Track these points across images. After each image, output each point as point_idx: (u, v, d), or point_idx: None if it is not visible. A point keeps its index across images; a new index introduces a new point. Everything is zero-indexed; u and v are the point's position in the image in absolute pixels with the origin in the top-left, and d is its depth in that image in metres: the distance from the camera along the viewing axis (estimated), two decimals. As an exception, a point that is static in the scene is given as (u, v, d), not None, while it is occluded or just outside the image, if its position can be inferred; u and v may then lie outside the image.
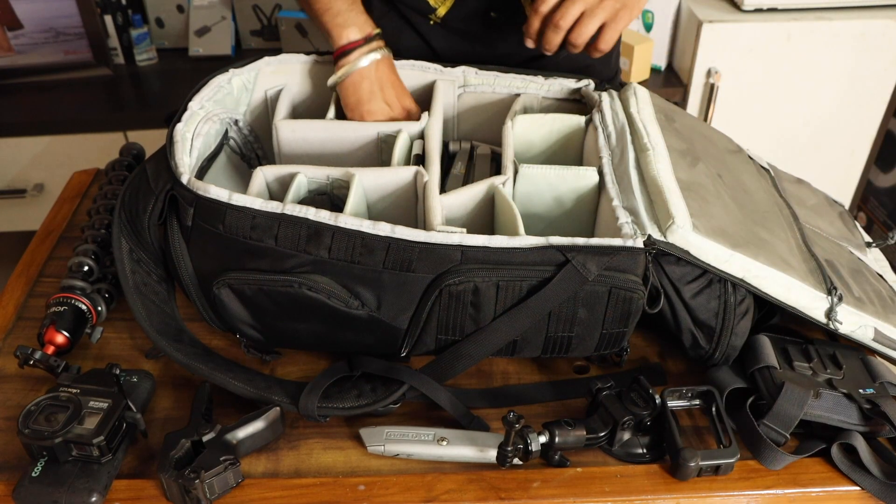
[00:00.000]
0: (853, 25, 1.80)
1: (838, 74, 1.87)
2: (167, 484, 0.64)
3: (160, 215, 0.76)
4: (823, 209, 1.00)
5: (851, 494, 0.69)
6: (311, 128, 0.89)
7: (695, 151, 0.86)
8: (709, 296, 0.74)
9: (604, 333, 0.73)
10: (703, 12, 1.83)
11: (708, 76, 1.86)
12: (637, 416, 0.69)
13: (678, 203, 0.73)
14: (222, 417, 0.72)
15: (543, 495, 0.67)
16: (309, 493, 0.67)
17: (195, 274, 0.75)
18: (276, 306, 0.71)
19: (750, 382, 0.74)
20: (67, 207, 1.05)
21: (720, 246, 0.71)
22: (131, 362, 0.80)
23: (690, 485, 0.68)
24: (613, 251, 0.69)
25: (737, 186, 0.86)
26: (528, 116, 0.92)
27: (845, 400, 0.71)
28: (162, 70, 2.12)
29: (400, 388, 0.72)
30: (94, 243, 0.88)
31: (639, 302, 0.70)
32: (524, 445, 0.67)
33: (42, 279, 0.91)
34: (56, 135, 1.91)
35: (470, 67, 0.97)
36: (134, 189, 0.78)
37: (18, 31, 2.01)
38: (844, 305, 0.76)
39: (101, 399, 0.68)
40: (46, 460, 0.65)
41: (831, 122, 1.95)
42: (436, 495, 0.66)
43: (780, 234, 0.82)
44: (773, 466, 0.69)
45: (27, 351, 0.73)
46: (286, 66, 0.96)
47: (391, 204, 0.83)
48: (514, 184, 0.84)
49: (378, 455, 0.70)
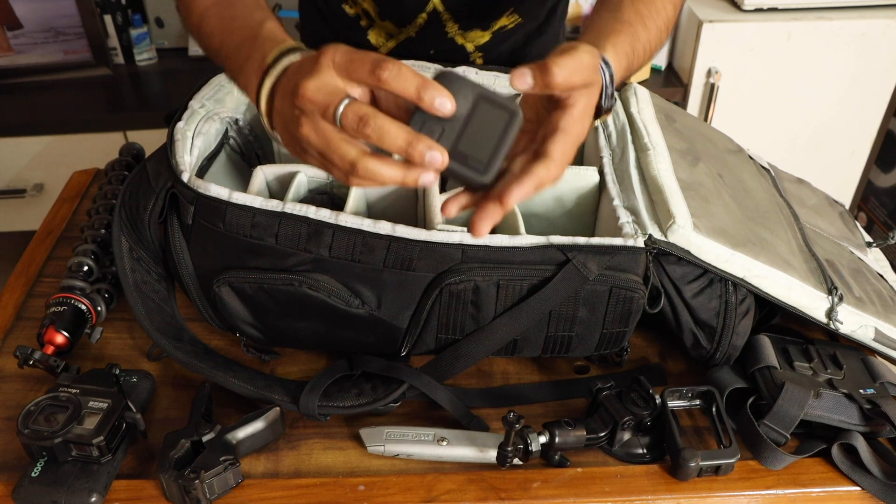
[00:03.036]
0: (853, 25, 1.80)
1: (838, 74, 1.87)
2: (167, 484, 0.64)
3: (160, 214, 0.76)
4: (824, 209, 1.00)
5: (852, 495, 0.69)
6: (311, 127, 0.89)
7: (695, 151, 0.86)
8: (710, 295, 0.74)
9: (604, 333, 0.73)
10: (703, 12, 1.83)
11: (708, 76, 1.86)
12: (637, 416, 0.69)
13: (679, 202, 0.73)
14: (222, 417, 0.72)
15: (543, 495, 0.67)
16: (309, 493, 0.66)
17: (195, 272, 0.75)
18: (277, 305, 0.71)
19: (750, 382, 0.74)
20: (67, 207, 1.05)
21: (721, 245, 0.71)
22: (131, 362, 0.80)
23: (690, 485, 0.68)
24: (614, 251, 0.69)
25: (737, 186, 0.86)
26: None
27: (846, 400, 0.71)
28: (162, 70, 2.12)
29: (400, 387, 0.72)
30: (93, 243, 0.88)
31: (639, 301, 0.70)
32: (524, 445, 0.66)
33: (42, 279, 0.91)
34: (56, 135, 1.91)
35: (470, 67, 0.97)
36: (134, 187, 0.78)
37: (18, 31, 2.00)
38: (845, 305, 0.76)
39: (101, 399, 0.68)
40: (46, 460, 0.65)
41: (831, 122, 1.96)
42: (436, 495, 0.66)
43: (780, 233, 0.82)
44: (773, 466, 0.69)
45: (27, 351, 0.73)
46: (286, 66, 0.96)
47: (391, 203, 0.83)
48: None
49: (378, 455, 0.70)
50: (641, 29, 0.69)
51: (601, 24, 0.69)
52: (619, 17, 0.69)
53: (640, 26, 0.69)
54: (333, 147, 0.52)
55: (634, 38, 0.68)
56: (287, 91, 0.56)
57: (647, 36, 0.70)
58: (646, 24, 0.70)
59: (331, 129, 0.52)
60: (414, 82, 0.50)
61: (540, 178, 0.53)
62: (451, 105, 0.50)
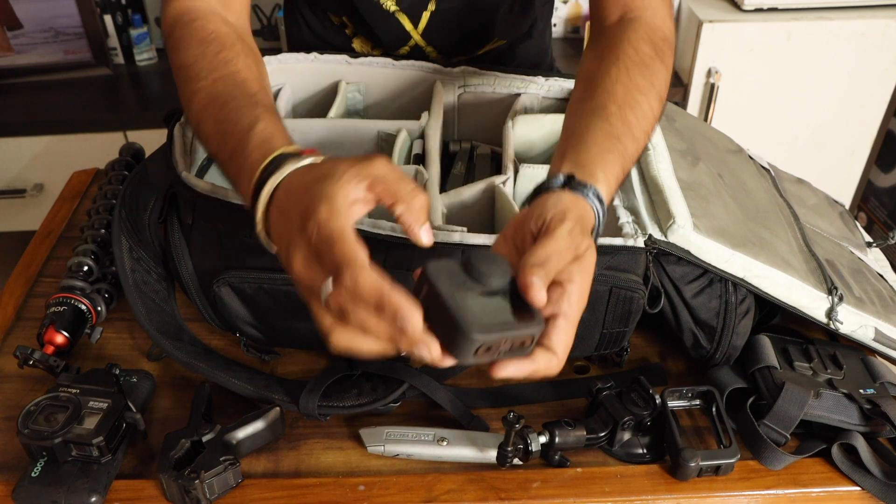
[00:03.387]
0: (853, 25, 1.80)
1: (838, 74, 1.87)
2: (167, 484, 0.64)
3: (160, 214, 0.76)
4: (824, 209, 1.00)
5: (852, 494, 0.69)
6: (311, 127, 0.89)
7: (695, 151, 0.86)
8: (710, 295, 0.74)
9: (604, 333, 0.73)
10: (703, 12, 1.83)
11: (708, 76, 1.86)
12: (637, 416, 0.69)
13: (679, 203, 0.73)
14: (222, 417, 0.72)
15: (543, 495, 0.67)
16: (309, 493, 0.66)
17: (195, 272, 0.75)
18: (277, 304, 0.71)
19: (750, 382, 0.74)
20: (67, 207, 1.05)
21: (721, 246, 0.71)
22: (131, 362, 0.80)
23: (690, 485, 0.68)
24: (614, 251, 0.69)
25: (737, 186, 0.86)
26: (529, 117, 0.92)
27: (846, 400, 0.71)
28: (162, 70, 2.12)
29: (400, 387, 0.72)
30: (93, 243, 0.88)
31: (639, 301, 0.70)
32: (524, 445, 0.66)
33: (42, 279, 0.91)
34: (56, 135, 1.91)
35: (470, 67, 0.97)
36: (134, 187, 0.78)
37: (18, 31, 2.00)
38: (845, 305, 0.76)
39: (101, 399, 0.68)
40: (46, 460, 0.65)
41: (831, 122, 1.96)
42: (436, 495, 0.66)
43: (780, 233, 0.82)
44: (773, 466, 0.69)
45: (27, 351, 0.73)
46: (286, 66, 0.96)
47: (391, 204, 0.82)
48: (514, 184, 0.84)
49: (378, 455, 0.70)
50: (630, 142, 0.65)
51: (591, 140, 0.64)
52: (610, 131, 0.65)
53: (628, 140, 0.65)
54: (314, 310, 0.50)
55: (624, 156, 0.64)
56: (281, 214, 0.53)
57: (635, 147, 0.66)
58: (634, 134, 0.66)
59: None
60: (374, 298, 0.45)
61: (538, 368, 0.50)
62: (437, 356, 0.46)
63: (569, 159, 0.63)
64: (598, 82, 0.70)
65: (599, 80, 0.70)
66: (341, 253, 0.46)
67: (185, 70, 0.69)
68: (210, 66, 0.67)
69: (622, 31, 0.75)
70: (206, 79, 0.66)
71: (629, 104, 0.68)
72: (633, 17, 0.77)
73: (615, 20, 0.78)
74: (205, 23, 0.72)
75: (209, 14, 0.74)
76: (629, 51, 0.72)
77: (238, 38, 0.72)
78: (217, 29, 0.72)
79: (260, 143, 0.58)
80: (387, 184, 0.50)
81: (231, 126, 0.61)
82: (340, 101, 0.95)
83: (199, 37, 0.71)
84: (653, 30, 0.75)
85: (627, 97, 0.68)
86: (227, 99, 0.64)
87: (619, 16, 0.78)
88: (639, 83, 0.69)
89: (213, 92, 0.65)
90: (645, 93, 0.69)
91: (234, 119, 0.61)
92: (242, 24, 0.78)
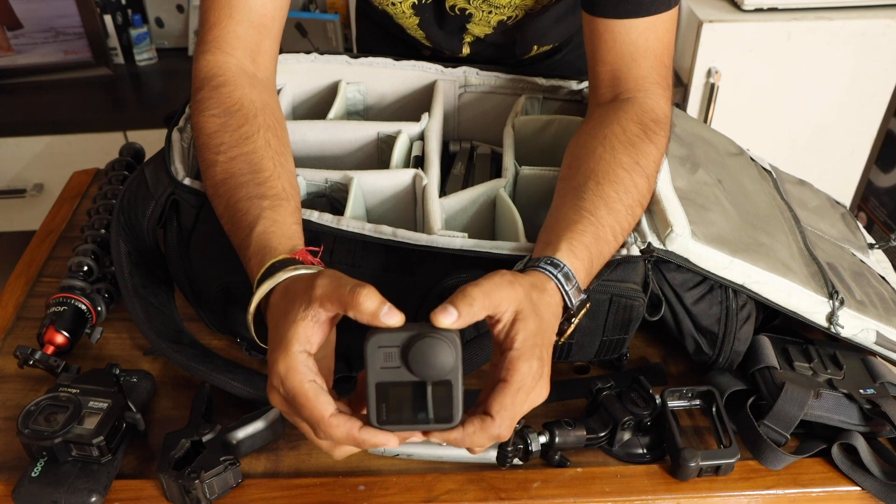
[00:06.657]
0: (853, 25, 1.80)
1: (838, 74, 1.87)
2: (167, 484, 0.64)
3: (159, 219, 0.76)
4: (825, 211, 1.00)
5: (852, 494, 0.69)
6: (311, 128, 0.89)
7: (694, 157, 0.86)
8: (710, 302, 0.73)
9: (604, 340, 0.72)
10: (703, 12, 1.83)
11: (708, 76, 1.86)
12: (637, 416, 0.69)
13: (676, 211, 0.73)
14: (222, 417, 0.72)
15: (543, 495, 0.67)
16: (309, 493, 0.66)
17: (195, 277, 0.75)
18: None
19: (750, 383, 0.74)
20: (67, 207, 1.05)
21: (720, 253, 0.71)
22: (131, 362, 0.80)
23: (690, 485, 0.68)
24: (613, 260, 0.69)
25: (737, 191, 0.86)
26: (529, 118, 0.92)
27: (846, 400, 0.71)
28: (162, 70, 2.12)
29: (400, 388, 0.71)
30: (93, 243, 0.88)
31: (639, 310, 0.70)
32: (524, 445, 0.67)
33: (42, 279, 0.91)
34: (55, 135, 1.91)
35: (471, 68, 0.97)
36: (132, 192, 0.78)
37: (18, 31, 2.01)
38: (846, 309, 0.76)
39: (101, 399, 0.68)
40: (46, 460, 0.65)
41: (831, 122, 1.95)
42: (436, 495, 0.66)
43: (780, 238, 0.82)
44: (773, 466, 0.69)
45: (27, 351, 0.73)
46: (285, 67, 0.96)
47: (390, 207, 0.82)
48: (514, 186, 0.84)
49: (378, 455, 0.70)
50: (606, 213, 0.66)
51: (559, 217, 0.66)
52: (579, 205, 0.66)
53: (603, 211, 0.66)
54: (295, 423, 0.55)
55: (597, 225, 0.65)
56: (271, 320, 0.57)
57: (613, 219, 0.66)
58: (611, 206, 0.66)
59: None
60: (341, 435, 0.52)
61: (472, 440, 0.53)
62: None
63: (540, 240, 0.65)
64: (581, 160, 0.72)
65: (583, 158, 0.72)
66: (310, 414, 0.51)
67: (205, 137, 0.71)
68: (231, 141, 0.69)
69: (613, 111, 0.76)
70: (225, 153, 0.68)
71: (609, 179, 0.68)
72: (626, 98, 0.77)
73: (609, 99, 0.79)
74: (232, 89, 0.73)
75: (237, 77, 0.75)
76: (616, 130, 0.73)
77: (262, 108, 0.73)
78: (242, 97, 0.72)
79: (258, 251, 0.61)
80: (331, 299, 0.52)
81: (239, 217, 0.64)
82: (340, 101, 0.95)
83: (225, 105, 0.72)
84: (644, 111, 0.75)
85: (608, 173, 0.69)
86: (240, 184, 0.66)
87: (612, 96, 0.78)
88: (622, 160, 0.70)
89: (229, 169, 0.67)
90: (628, 169, 0.70)
91: (242, 209, 0.64)
92: (269, 78, 0.80)
